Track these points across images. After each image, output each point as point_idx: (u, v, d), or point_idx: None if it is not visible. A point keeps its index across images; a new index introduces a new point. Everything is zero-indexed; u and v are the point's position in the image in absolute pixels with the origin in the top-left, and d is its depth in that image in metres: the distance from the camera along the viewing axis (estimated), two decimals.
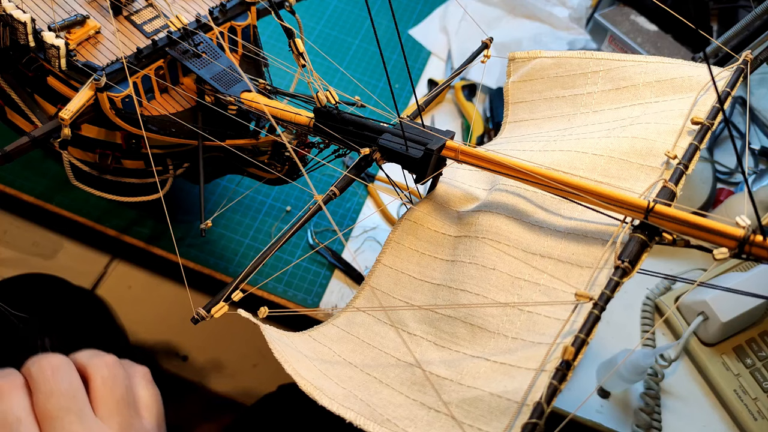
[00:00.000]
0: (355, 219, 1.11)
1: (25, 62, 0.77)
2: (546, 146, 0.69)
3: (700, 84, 0.68)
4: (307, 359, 0.58)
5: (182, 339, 1.09)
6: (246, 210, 1.09)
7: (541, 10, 1.39)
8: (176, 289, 1.12)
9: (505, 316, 0.56)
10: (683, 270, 1.07)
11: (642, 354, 0.85)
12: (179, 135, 0.78)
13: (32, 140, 0.71)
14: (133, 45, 0.80)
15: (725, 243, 0.50)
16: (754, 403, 0.93)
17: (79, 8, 0.82)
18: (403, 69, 1.32)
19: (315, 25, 1.37)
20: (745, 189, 1.18)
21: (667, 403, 0.95)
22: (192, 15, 0.85)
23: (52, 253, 1.11)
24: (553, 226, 0.61)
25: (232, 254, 1.04)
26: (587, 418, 0.94)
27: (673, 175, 0.59)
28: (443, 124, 1.25)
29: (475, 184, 0.72)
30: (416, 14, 1.44)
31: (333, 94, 0.69)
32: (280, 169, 0.82)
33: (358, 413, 0.51)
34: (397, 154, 0.65)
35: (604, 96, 0.74)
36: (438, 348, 0.58)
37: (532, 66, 0.79)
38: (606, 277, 0.52)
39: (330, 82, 1.22)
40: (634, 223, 0.55)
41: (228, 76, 0.77)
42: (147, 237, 1.04)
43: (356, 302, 0.66)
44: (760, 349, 0.97)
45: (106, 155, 0.83)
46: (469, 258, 0.62)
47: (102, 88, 0.71)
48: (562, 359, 0.47)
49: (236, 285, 0.58)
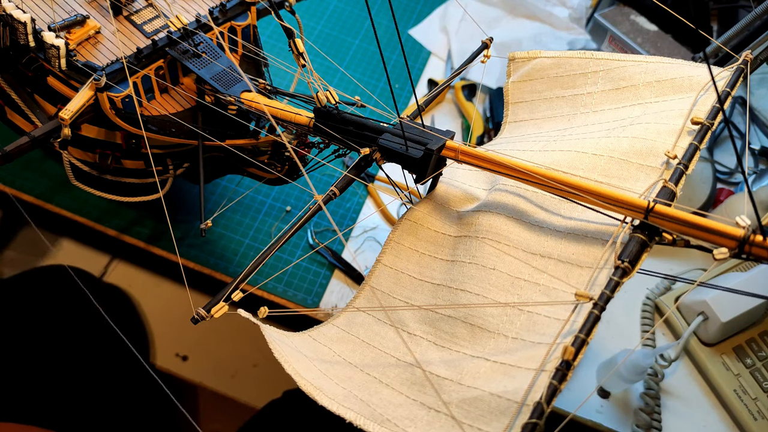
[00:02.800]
0: (355, 219, 1.11)
1: (25, 62, 0.77)
2: (546, 146, 0.69)
3: (700, 84, 0.68)
4: (307, 359, 0.58)
5: (182, 339, 1.09)
6: (246, 210, 1.09)
7: (541, 10, 1.39)
8: (176, 289, 1.12)
9: (505, 316, 0.56)
10: (683, 270, 1.07)
11: (642, 354, 0.85)
12: (179, 135, 0.78)
13: (32, 140, 0.71)
14: (133, 45, 0.80)
15: (725, 243, 0.50)
16: (754, 403, 0.93)
17: (79, 8, 0.82)
18: (403, 69, 1.32)
19: (315, 25, 1.37)
20: (745, 189, 1.18)
21: (667, 403, 0.95)
22: (192, 15, 0.85)
23: (52, 253, 1.11)
24: (553, 226, 0.61)
25: (232, 254, 1.04)
26: (587, 418, 0.94)
27: (673, 175, 0.59)
28: (443, 124, 1.25)
29: (475, 184, 0.72)
30: (416, 14, 1.44)
31: (333, 94, 0.69)
32: (280, 169, 0.82)
33: (358, 413, 0.51)
34: (397, 154, 0.65)
35: (604, 96, 0.74)
36: (438, 348, 0.58)
37: (532, 66, 0.79)
38: (606, 277, 0.52)
39: (330, 82, 1.22)
40: (634, 223, 0.55)
41: (228, 76, 0.77)
42: (147, 237, 1.04)
43: (356, 302, 0.66)
44: (760, 349, 0.97)
45: (106, 155, 0.83)
46: (469, 258, 0.62)
47: (102, 88, 0.71)
48: (562, 359, 0.47)
49: (236, 285, 0.58)
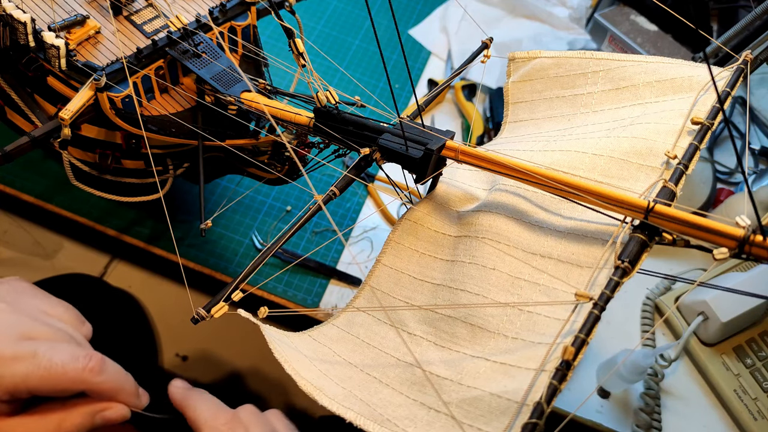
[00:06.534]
0: (355, 219, 1.11)
1: (25, 62, 0.77)
2: (546, 146, 0.69)
3: (700, 84, 0.68)
4: (307, 359, 0.58)
5: (182, 339, 1.09)
6: (246, 210, 1.09)
7: (541, 10, 1.39)
8: (176, 289, 1.12)
9: (505, 316, 0.56)
10: (683, 270, 1.07)
11: (642, 354, 0.85)
12: (179, 135, 0.78)
13: (32, 140, 0.71)
14: (133, 45, 0.80)
15: (725, 243, 0.50)
16: (754, 403, 0.93)
17: (79, 8, 0.82)
18: (403, 69, 1.32)
19: (315, 25, 1.37)
20: (745, 189, 1.18)
21: (667, 403, 0.95)
22: (192, 15, 0.85)
23: (52, 253, 1.11)
24: (553, 226, 0.61)
25: (232, 254, 1.04)
26: (587, 418, 0.94)
27: (673, 175, 0.59)
28: (443, 124, 1.25)
29: (475, 184, 0.72)
30: (416, 14, 1.44)
31: (333, 94, 0.68)
32: (280, 169, 0.82)
33: (358, 413, 0.51)
34: (397, 154, 0.65)
35: (604, 96, 0.74)
36: (438, 348, 0.58)
37: (532, 66, 0.79)
38: (606, 277, 0.52)
39: (330, 82, 1.22)
40: (634, 223, 0.55)
41: (228, 76, 0.77)
42: (147, 237, 1.04)
43: (356, 302, 0.66)
44: (760, 349, 0.97)
45: (106, 155, 0.83)
46: (469, 258, 0.62)
47: (102, 88, 0.71)
48: (562, 359, 0.47)
49: (236, 285, 0.58)
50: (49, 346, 0.61)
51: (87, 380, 0.60)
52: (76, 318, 0.70)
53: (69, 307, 0.71)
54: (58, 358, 0.59)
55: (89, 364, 0.60)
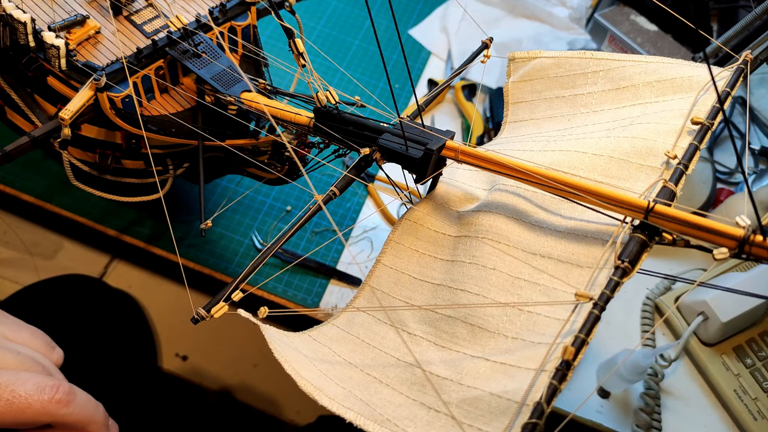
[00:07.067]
0: (355, 219, 1.11)
1: (25, 62, 0.77)
2: (546, 146, 0.69)
3: (700, 84, 0.68)
4: (307, 359, 0.58)
5: (182, 339, 1.09)
6: (246, 210, 1.09)
7: (541, 10, 1.39)
8: (176, 289, 1.12)
9: (505, 316, 0.56)
10: (683, 270, 1.07)
11: (642, 354, 0.85)
12: (179, 135, 0.77)
13: (32, 140, 0.71)
14: (133, 45, 0.80)
15: (725, 243, 0.50)
16: (754, 403, 0.93)
17: (79, 8, 0.82)
18: (403, 69, 1.32)
19: (315, 25, 1.37)
20: (745, 189, 1.18)
21: (667, 403, 0.95)
22: (192, 15, 0.85)
23: (52, 253, 1.11)
24: (553, 226, 0.61)
25: (232, 254, 1.04)
26: (587, 418, 0.94)
27: (673, 175, 0.59)
28: (443, 124, 1.25)
29: (475, 184, 0.72)
30: (416, 14, 1.44)
31: (333, 94, 0.68)
32: (280, 169, 0.82)
33: (358, 413, 0.51)
34: (397, 154, 0.64)
35: (604, 96, 0.74)
36: (438, 348, 0.58)
37: (532, 66, 0.79)
38: (606, 277, 0.52)
39: (330, 82, 1.22)
40: (634, 223, 0.55)
41: (228, 76, 0.77)
42: (147, 237, 1.04)
43: (356, 302, 0.66)
44: (760, 349, 0.97)
45: (106, 155, 0.83)
46: (469, 258, 0.62)
47: (102, 88, 0.71)
48: (562, 359, 0.47)
49: (236, 285, 0.58)
50: (11, 375, 0.56)
51: (53, 413, 0.56)
52: (44, 344, 0.65)
53: (36, 332, 0.66)
54: (21, 389, 0.55)
55: (56, 395, 0.56)
